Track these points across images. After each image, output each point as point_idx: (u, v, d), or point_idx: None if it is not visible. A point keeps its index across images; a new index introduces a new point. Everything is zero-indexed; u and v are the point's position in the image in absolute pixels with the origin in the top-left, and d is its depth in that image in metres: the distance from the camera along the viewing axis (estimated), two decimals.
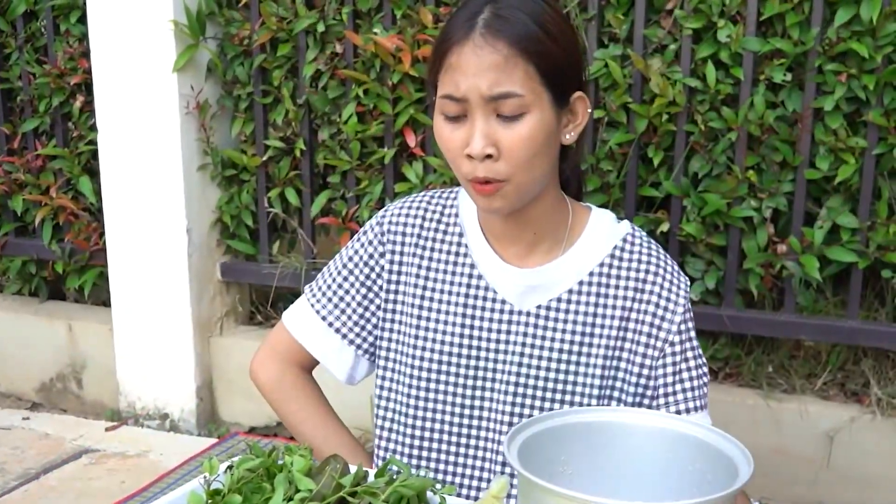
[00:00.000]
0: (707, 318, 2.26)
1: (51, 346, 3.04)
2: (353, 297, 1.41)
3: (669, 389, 1.31)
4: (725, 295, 2.26)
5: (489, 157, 1.20)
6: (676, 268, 1.34)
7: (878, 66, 2.02)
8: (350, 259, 1.42)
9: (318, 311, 1.43)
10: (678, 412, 1.32)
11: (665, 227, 2.24)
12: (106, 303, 3.00)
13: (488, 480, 1.37)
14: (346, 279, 1.42)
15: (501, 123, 1.20)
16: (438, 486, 1.17)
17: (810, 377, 2.29)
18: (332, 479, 1.16)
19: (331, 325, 1.43)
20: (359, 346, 1.43)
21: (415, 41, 2.35)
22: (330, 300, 1.43)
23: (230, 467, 1.19)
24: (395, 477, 1.16)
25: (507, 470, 1.34)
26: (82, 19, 2.80)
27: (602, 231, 1.34)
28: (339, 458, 1.19)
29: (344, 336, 1.43)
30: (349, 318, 1.42)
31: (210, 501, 1.16)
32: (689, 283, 1.34)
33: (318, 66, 2.52)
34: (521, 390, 1.33)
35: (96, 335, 2.96)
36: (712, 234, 2.22)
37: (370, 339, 1.43)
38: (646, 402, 1.33)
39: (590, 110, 1.29)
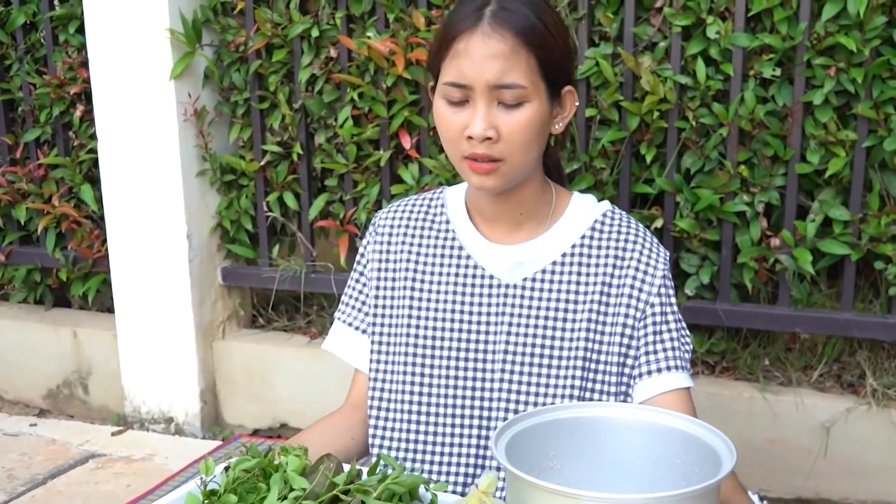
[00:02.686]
0: (703, 312, 2.28)
1: (57, 353, 3.08)
2: (369, 295, 1.49)
3: (650, 348, 1.36)
4: (720, 289, 2.27)
5: (488, 139, 1.26)
6: (655, 240, 1.41)
7: (866, 59, 2.04)
8: (361, 266, 1.51)
9: (344, 321, 1.50)
10: (658, 370, 1.36)
11: (659, 223, 2.26)
12: (110, 309, 3.03)
13: (485, 457, 1.39)
14: (357, 281, 1.50)
15: (502, 110, 1.27)
16: (430, 482, 1.19)
17: (806, 369, 2.31)
18: (326, 477, 1.19)
19: (357, 328, 1.49)
20: None
21: (408, 44, 2.37)
22: (353, 307, 1.50)
23: (227, 468, 1.22)
24: (387, 474, 1.18)
25: (496, 464, 1.37)
26: (81, 30, 2.83)
27: (583, 209, 1.42)
28: (333, 457, 1.22)
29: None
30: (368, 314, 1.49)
31: (206, 502, 1.18)
32: (668, 254, 1.40)
33: (313, 70, 2.54)
34: (510, 357, 1.38)
35: (101, 341, 2.99)
36: (706, 230, 2.24)
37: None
38: (629, 361, 1.37)
39: (577, 103, 1.37)
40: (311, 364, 2.71)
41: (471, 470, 1.40)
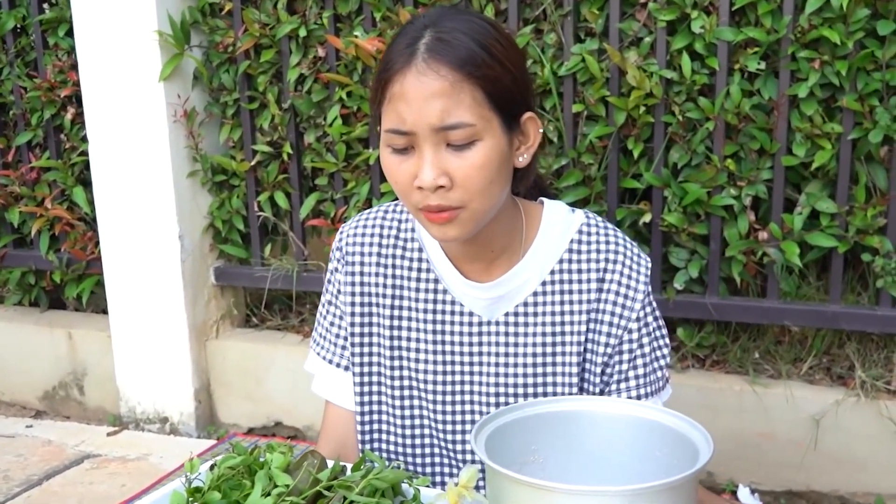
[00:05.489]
0: (692, 306, 2.29)
1: (52, 355, 3.09)
2: (345, 328, 1.41)
3: (622, 376, 1.32)
4: (709, 283, 2.28)
5: (441, 187, 1.16)
6: (636, 250, 1.33)
7: (850, 51, 2.04)
8: (330, 295, 1.42)
9: (325, 358, 1.44)
10: (629, 398, 1.32)
11: (647, 217, 2.27)
12: (105, 310, 3.03)
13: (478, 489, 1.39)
14: (334, 315, 1.42)
15: (452, 152, 1.16)
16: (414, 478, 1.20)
17: (796, 362, 2.31)
18: (309, 474, 1.20)
19: (338, 365, 1.43)
20: None
21: None
22: (331, 343, 1.43)
23: (213, 466, 1.23)
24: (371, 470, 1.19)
25: (478, 459, 1.37)
26: (70, 33, 2.83)
27: (556, 226, 1.33)
28: (317, 453, 1.23)
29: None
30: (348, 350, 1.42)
31: (191, 499, 1.19)
32: (649, 263, 1.33)
33: (302, 70, 2.55)
34: (501, 400, 1.33)
35: (96, 342, 3.00)
36: (694, 224, 2.24)
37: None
38: (604, 384, 1.34)
39: (541, 130, 1.25)
40: (305, 362, 2.71)
41: None
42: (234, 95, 2.68)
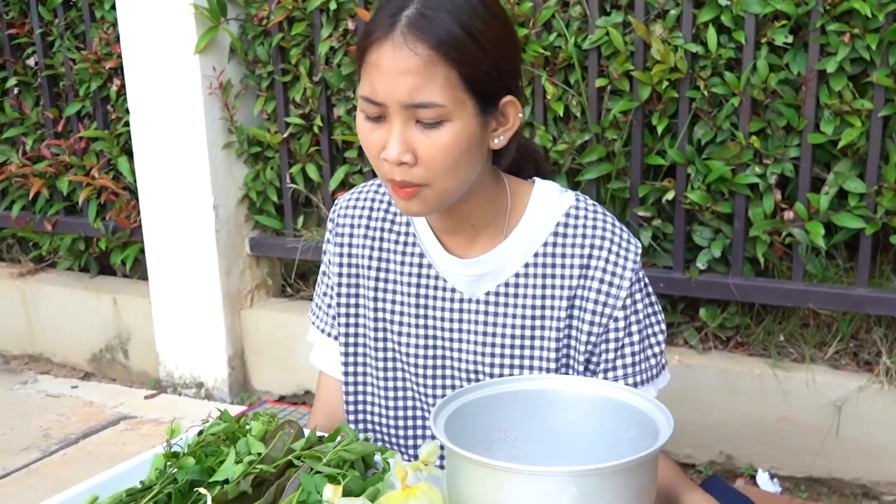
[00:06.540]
0: (714, 286, 2.24)
1: (99, 319, 3.20)
2: (332, 297, 1.43)
3: (610, 365, 1.30)
4: (733, 263, 2.23)
5: (405, 163, 1.16)
6: (625, 236, 1.30)
7: (881, 24, 1.96)
8: (324, 265, 1.45)
9: (318, 327, 1.46)
10: None
11: (671, 195, 2.22)
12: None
13: None
14: (327, 286, 1.44)
15: (420, 129, 1.15)
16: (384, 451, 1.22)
17: (822, 346, 2.25)
18: (284, 443, 1.23)
19: (329, 335, 1.44)
20: None
21: None
22: (324, 312, 1.45)
23: (201, 432, 1.27)
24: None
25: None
26: (115, 6, 2.90)
27: (544, 207, 1.31)
28: (294, 423, 1.25)
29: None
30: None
31: (168, 463, 1.23)
32: (639, 249, 1.30)
33: (332, 43, 2.56)
34: (479, 377, 1.33)
35: (139, 308, 3.09)
36: (718, 202, 2.19)
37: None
38: (589, 375, 1.32)
39: (521, 115, 1.23)
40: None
41: None
42: (269, 68, 2.71)
